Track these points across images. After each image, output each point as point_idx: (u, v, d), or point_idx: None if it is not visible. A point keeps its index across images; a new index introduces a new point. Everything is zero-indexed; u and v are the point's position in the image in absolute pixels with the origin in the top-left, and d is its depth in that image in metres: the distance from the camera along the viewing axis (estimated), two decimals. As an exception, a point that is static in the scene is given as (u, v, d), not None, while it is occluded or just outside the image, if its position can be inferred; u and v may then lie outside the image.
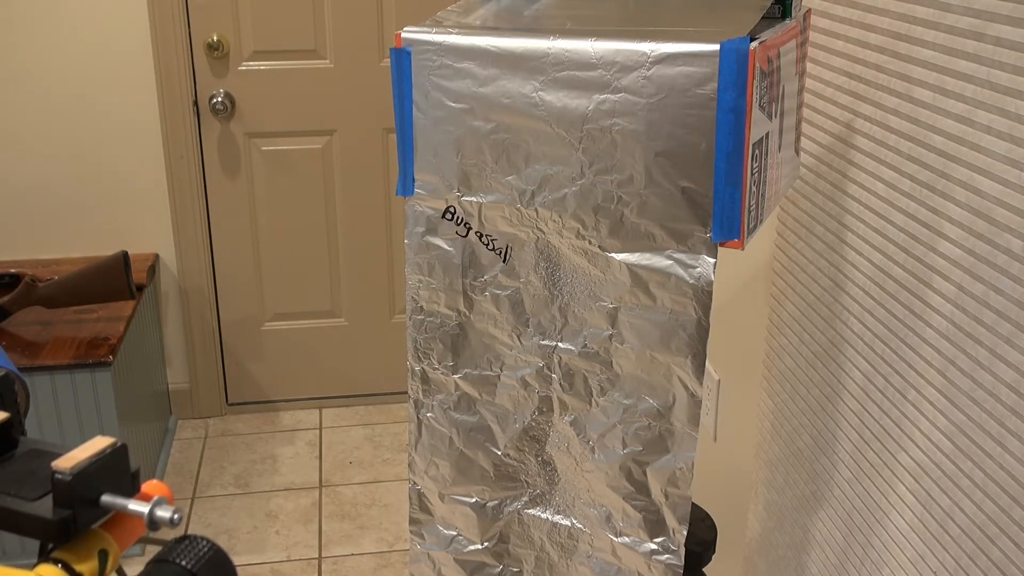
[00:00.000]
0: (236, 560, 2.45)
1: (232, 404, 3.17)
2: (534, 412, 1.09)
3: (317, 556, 2.48)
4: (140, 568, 2.42)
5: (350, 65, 2.91)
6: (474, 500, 1.16)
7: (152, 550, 2.49)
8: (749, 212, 0.95)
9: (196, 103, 2.86)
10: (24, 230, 2.88)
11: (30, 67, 2.75)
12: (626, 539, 1.09)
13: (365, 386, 3.21)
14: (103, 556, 0.68)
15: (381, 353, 3.18)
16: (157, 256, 2.95)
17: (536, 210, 1.01)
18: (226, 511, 2.64)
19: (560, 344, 1.05)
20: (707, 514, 1.36)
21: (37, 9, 2.71)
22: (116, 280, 2.47)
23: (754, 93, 0.91)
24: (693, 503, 1.16)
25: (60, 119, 2.79)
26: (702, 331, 0.98)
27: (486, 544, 1.17)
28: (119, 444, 0.71)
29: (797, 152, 1.20)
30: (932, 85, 1.04)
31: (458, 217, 1.05)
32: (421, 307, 1.10)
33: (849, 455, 1.26)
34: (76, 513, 0.67)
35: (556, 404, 1.08)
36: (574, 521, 1.12)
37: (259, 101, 2.90)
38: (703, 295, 0.97)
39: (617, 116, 0.94)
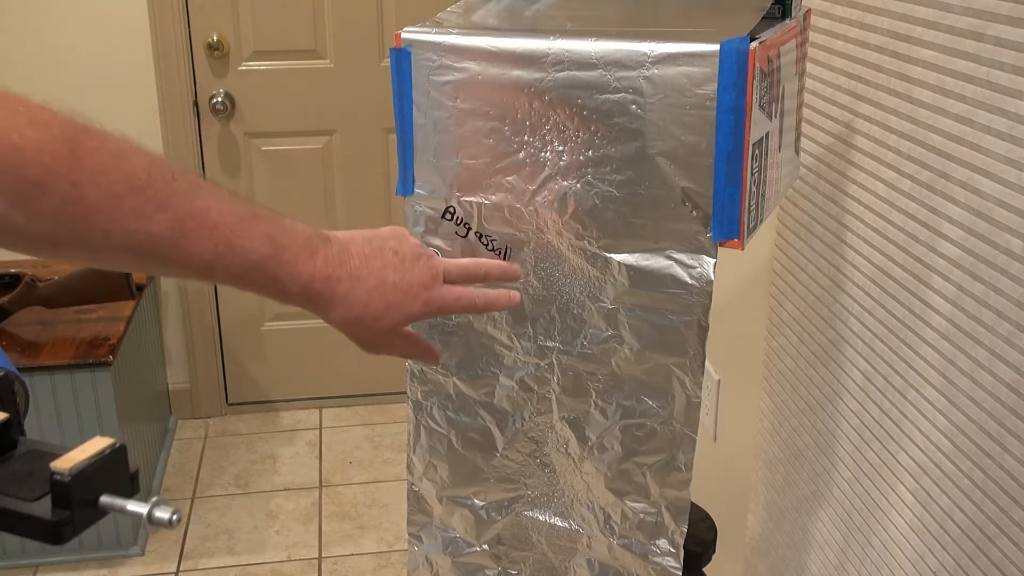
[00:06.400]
0: (236, 560, 2.45)
1: (232, 404, 3.17)
2: (533, 413, 1.09)
3: (317, 556, 2.48)
4: (136, 569, 2.41)
5: (350, 65, 2.91)
6: (473, 502, 1.16)
7: (152, 548, 2.49)
8: (749, 212, 0.95)
9: (196, 103, 2.86)
10: (24, 230, 2.88)
11: (30, 67, 2.74)
12: (625, 541, 1.09)
13: (365, 386, 3.21)
14: None
15: (381, 353, 3.18)
16: (157, 256, 2.94)
17: (536, 210, 1.01)
18: (226, 511, 2.64)
19: (559, 345, 1.05)
20: (707, 514, 1.36)
21: (37, 9, 2.71)
22: (116, 280, 2.47)
23: (754, 93, 0.91)
24: (693, 503, 1.15)
25: (60, 119, 2.79)
26: (702, 331, 0.98)
27: (484, 546, 1.17)
28: (118, 445, 0.71)
29: (797, 152, 1.20)
30: (932, 85, 1.04)
31: (458, 217, 1.04)
32: (421, 307, 1.10)
33: (849, 455, 1.26)
34: (75, 514, 0.67)
35: (555, 405, 1.08)
36: (572, 523, 1.12)
37: (259, 101, 2.90)
38: (703, 295, 0.97)
39: (617, 116, 0.94)
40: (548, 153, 0.98)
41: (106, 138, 0.72)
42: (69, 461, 0.67)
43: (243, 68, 2.86)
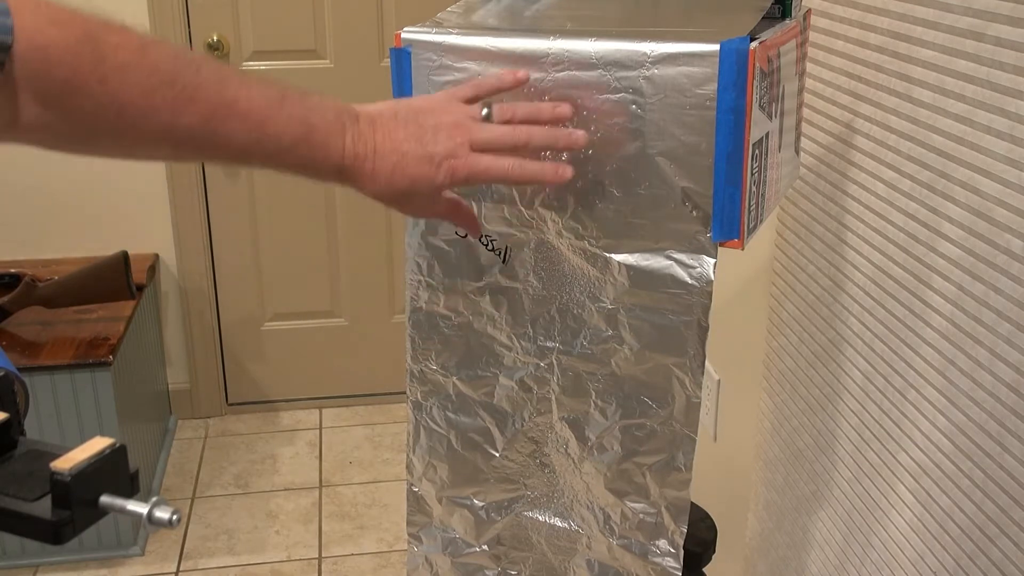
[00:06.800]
0: (236, 560, 2.45)
1: (232, 404, 3.17)
2: (532, 413, 1.09)
3: (317, 556, 2.48)
4: (136, 569, 2.42)
5: (350, 65, 2.91)
6: (472, 502, 1.16)
7: (152, 548, 2.49)
8: (749, 212, 0.95)
9: (196, 103, 2.86)
10: (24, 230, 2.88)
11: (30, 67, 2.74)
12: (624, 541, 1.09)
13: (365, 386, 3.21)
14: None
15: (381, 353, 3.18)
16: (157, 256, 2.95)
17: (536, 210, 1.01)
18: (226, 511, 2.64)
19: (559, 345, 1.05)
20: (707, 514, 1.36)
21: (37, 9, 2.70)
22: (116, 280, 2.46)
23: (754, 93, 0.91)
24: (693, 503, 1.15)
25: (60, 119, 2.79)
26: (702, 332, 0.98)
27: (484, 547, 1.17)
28: (118, 445, 0.71)
29: (797, 152, 1.20)
30: (932, 85, 1.04)
31: (458, 217, 1.04)
32: (420, 307, 1.10)
33: (849, 455, 1.26)
34: (75, 514, 0.67)
35: (554, 405, 1.08)
36: (572, 523, 1.12)
37: (259, 101, 2.89)
38: (703, 295, 0.97)
39: (617, 116, 0.94)
40: (548, 153, 0.98)
41: (127, 33, 0.73)
42: (69, 461, 0.67)
43: (243, 68, 2.87)
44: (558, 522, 1.13)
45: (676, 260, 0.97)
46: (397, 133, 0.86)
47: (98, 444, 0.70)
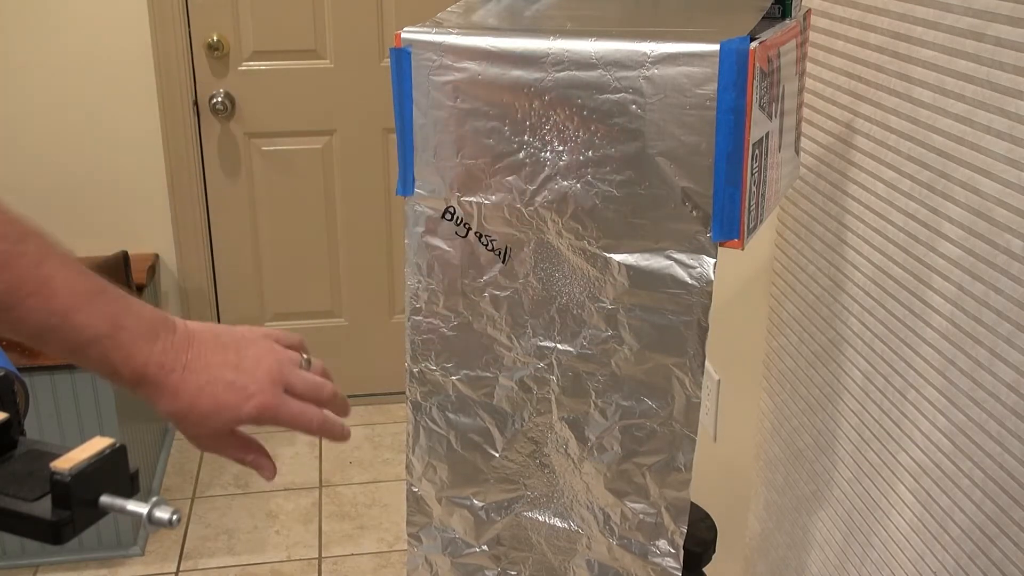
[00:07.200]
0: (236, 560, 2.45)
1: (232, 404, 3.17)
2: (532, 414, 1.09)
3: (317, 556, 2.48)
4: (136, 569, 2.41)
5: (350, 65, 2.91)
6: (472, 502, 1.15)
7: (152, 548, 2.49)
8: (749, 212, 0.95)
9: (196, 103, 2.86)
10: (24, 230, 2.87)
11: (30, 67, 2.74)
12: (624, 541, 1.09)
13: (365, 386, 3.21)
14: None
15: (381, 353, 3.18)
16: (157, 256, 2.95)
17: (536, 210, 1.01)
18: (226, 511, 2.64)
19: (559, 345, 1.05)
20: (707, 514, 1.36)
21: (37, 9, 2.71)
22: (116, 280, 2.46)
23: (754, 93, 0.91)
24: (693, 503, 1.15)
25: (60, 119, 2.79)
26: (702, 332, 0.98)
27: (484, 547, 1.17)
28: (118, 445, 0.71)
29: (797, 152, 1.20)
30: (932, 85, 1.04)
31: (458, 217, 1.05)
32: (420, 308, 1.10)
33: (849, 455, 1.26)
34: (75, 514, 0.67)
35: (554, 406, 1.08)
36: (572, 523, 1.12)
37: (259, 101, 2.89)
38: (703, 295, 0.97)
39: (617, 116, 0.94)
40: (548, 153, 0.98)
41: None
42: (69, 461, 0.67)
43: (243, 68, 2.86)
44: (558, 522, 1.13)
45: (676, 260, 0.97)
46: (214, 356, 0.83)
47: (98, 444, 0.70)
